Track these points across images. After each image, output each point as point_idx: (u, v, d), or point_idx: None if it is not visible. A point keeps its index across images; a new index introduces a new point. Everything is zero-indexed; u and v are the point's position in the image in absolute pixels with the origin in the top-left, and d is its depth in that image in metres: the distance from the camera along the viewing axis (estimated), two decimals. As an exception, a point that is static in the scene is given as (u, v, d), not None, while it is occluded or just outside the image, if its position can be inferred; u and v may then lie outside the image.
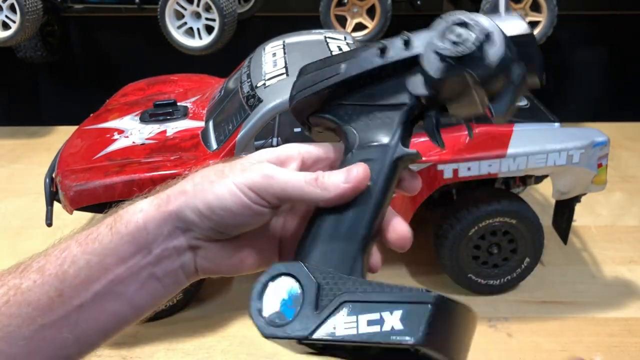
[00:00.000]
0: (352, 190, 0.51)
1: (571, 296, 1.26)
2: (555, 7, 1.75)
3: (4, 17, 1.80)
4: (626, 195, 1.64)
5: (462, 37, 0.51)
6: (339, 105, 0.56)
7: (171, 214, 0.51)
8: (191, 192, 0.51)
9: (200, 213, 0.50)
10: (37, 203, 1.57)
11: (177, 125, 1.28)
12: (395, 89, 0.55)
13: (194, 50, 1.81)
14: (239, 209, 0.50)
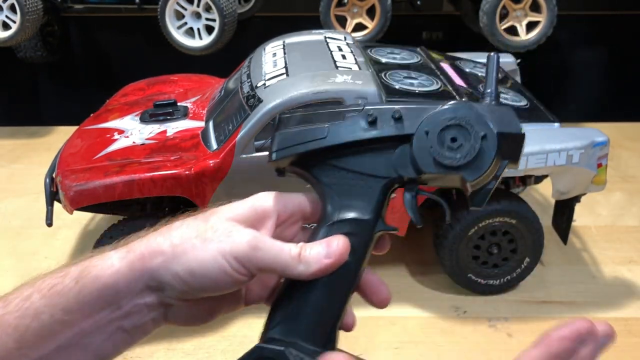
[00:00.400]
0: (332, 265, 0.51)
1: (571, 296, 1.26)
2: (555, 7, 1.75)
3: (4, 17, 1.80)
4: (626, 195, 1.64)
5: (458, 145, 0.52)
6: (320, 164, 0.55)
7: (144, 273, 0.49)
8: (170, 253, 0.49)
9: (180, 277, 0.49)
10: (37, 203, 1.57)
11: (177, 125, 1.28)
12: (380, 161, 0.54)
13: (194, 50, 1.81)
14: (221, 277, 0.49)
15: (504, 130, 0.52)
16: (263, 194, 0.55)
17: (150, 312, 0.51)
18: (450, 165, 0.52)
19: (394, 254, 1.38)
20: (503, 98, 1.27)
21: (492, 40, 1.80)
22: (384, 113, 0.54)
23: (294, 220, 0.56)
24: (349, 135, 0.54)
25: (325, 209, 0.55)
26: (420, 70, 1.32)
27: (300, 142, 0.55)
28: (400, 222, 1.21)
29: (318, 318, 0.53)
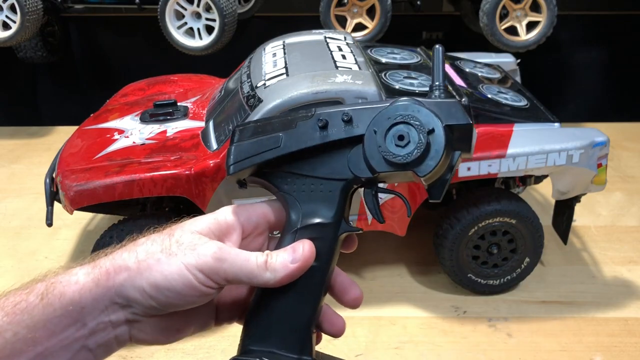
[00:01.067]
0: (299, 270, 0.52)
1: (571, 296, 1.26)
2: (555, 7, 1.75)
3: (5, 17, 1.80)
4: (626, 195, 1.64)
5: (405, 142, 0.52)
6: (279, 172, 0.56)
7: (110, 289, 0.49)
8: (135, 269, 0.49)
9: (145, 292, 0.49)
10: (37, 203, 1.58)
11: (177, 125, 1.28)
12: (336, 164, 0.55)
13: (194, 50, 1.81)
14: (188, 290, 0.49)
15: (451, 122, 0.52)
16: (226, 208, 0.55)
17: (115, 329, 0.51)
18: (400, 163, 0.52)
19: (394, 254, 1.38)
20: (503, 98, 1.27)
21: (492, 40, 1.80)
22: (334, 117, 0.54)
23: (260, 231, 0.56)
24: (302, 142, 0.54)
25: (288, 216, 0.55)
26: (420, 70, 1.32)
27: (256, 153, 0.55)
28: (400, 222, 1.21)
29: (291, 325, 0.54)
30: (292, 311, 0.54)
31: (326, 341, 0.60)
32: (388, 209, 1.19)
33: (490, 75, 1.44)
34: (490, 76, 1.43)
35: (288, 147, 0.54)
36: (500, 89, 1.34)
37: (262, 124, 0.56)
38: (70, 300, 0.48)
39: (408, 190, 1.16)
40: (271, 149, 0.55)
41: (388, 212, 1.19)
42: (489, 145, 1.15)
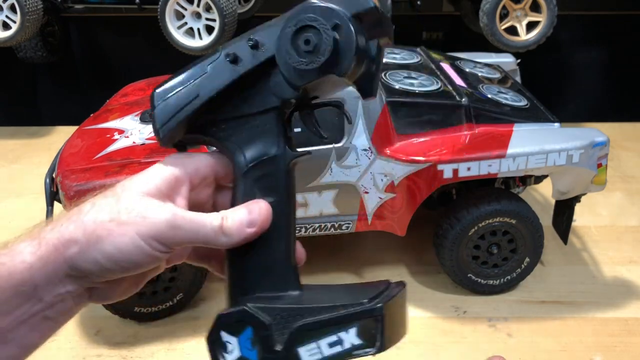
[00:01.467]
0: (256, 234, 0.51)
1: (571, 296, 1.26)
2: (555, 7, 1.75)
3: (5, 17, 1.80)
4: (626, 195, 1.64)
5: (312, 45, 0.49)
6: (211, 122, 0.54)
7: (62, 264, 0.47)
8: (84, 242, 0.47)
9: (99, 264, 0.48)
10: (37, 203, 1.57)
11: (177, 125, 1.28)
12: (261, 94, 0.53)
13: (194, 50, 1.81)
14: (143, 258, 0.48)
15: (356, 11, 0.49)
16: (171, 159, 0.53)
17: (74, 297, 0.50)
18: (314, 69, 0.49)
19: (394, 254, 1.38)
20: (503, 98, 1.27)
21: (492, 40, 1.80)
22: (240, 47, 0.52)
23: (208, 183, 0.55)
24: (219, 83, 0.53)
25: (235, 163, 0.54)
26: (420, 70, 1.32)
27: (178, 110, 0.53)
28: (400, 222, 1.21)
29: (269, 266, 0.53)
30: (268, 253, 0.53)
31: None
32: (388, 209, 1.19)
33: (490, 75, 1.44)
34: (490, 76, 1.43)
35: (206, 93, 0.53)
36: (500, 89, 1.34)
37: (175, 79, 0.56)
38: (21, 281, 0.47)
39: (407, 190, 1.16)
40: (191, 101, 0.53)
41: (388, 212, 1.19)
42: (488, 145, 1.15)
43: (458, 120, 1.17)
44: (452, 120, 1.17)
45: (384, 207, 1.18)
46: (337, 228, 1.19)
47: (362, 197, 1.17)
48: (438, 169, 1.13)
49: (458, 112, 1.17)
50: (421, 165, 1.13)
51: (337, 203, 1.16)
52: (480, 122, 1.18)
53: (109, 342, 1.14)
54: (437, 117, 1.17)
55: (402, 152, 1.13)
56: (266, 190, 0.53)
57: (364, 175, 1.15)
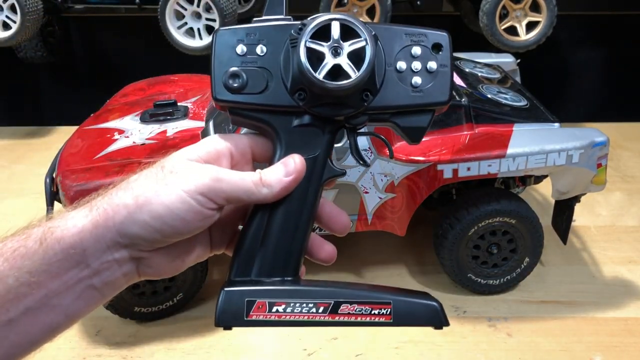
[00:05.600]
0: (294, 181, 0.53)
1: (571, 296, 1.26)
2: (555, 7, 1.75)
3: (5, 17, 1.80)
4: (626, 195, 1.64)
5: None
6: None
7: (111, 229, 0.49)
8: (133, 205, 0.49)
9: (149, 226, 0.49)
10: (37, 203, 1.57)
11: (177, 125, 1.28)
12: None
13: (194, 50, 1.81)
14: (191, 215, 0.50)
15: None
16: (214, 136, 0.55)
17: (121, 267, 0.51)
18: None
19: (394, 254, 1.38)
20: (503, 98, 1.28)
21: (492, 40, 1.80)
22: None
23: (246, 160, 0.57)
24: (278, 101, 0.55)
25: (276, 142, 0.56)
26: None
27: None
28: (400, 222, 1.21)
29: (275, 250, 0.55)
30: (277, 238, 0.55)
31: (325, 341, 0.60)
32: (388, 209, 1.19)
33: (490, 75, 1.44)
34: (490, 76, 1.43)
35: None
36: (500, 89, 1.34)
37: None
38: (71, 244, 0.48)
39: (407, 190, 1.16)
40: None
41: (388, 212, 1.19)
42: (489, 145, 1.15)
43: (458, 120, 1.17)
44: (452, 120, 1.17)
45: (384, 207, 1.18)
46: (337, 228, 1.19)
47: (362, 197, 1.17)
48: (438, 169, 1.14)
49: (458, 112, 1.17)
50: (421, 165, 1.13)
51: (337, 203, 1.15)
52: (480, 122, 1.18)
53: (109, 342, 1.14)
54: (437, 117, 1.16)
55: (402, 152, 1.13)
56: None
57: (363, 175, 1.15)
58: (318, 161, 0.55)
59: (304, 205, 0.55)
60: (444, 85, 0.55)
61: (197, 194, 0.49)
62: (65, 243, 0.48)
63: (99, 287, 0.50)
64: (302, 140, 0.55)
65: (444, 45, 0.54)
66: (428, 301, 0.53)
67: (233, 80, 0.53)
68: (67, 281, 0.48)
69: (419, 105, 0.55)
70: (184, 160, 0.52)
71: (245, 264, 0.55)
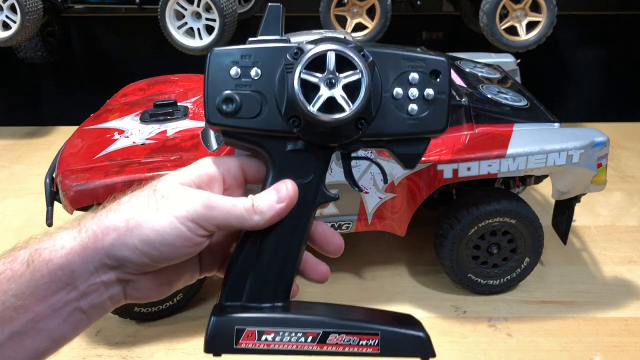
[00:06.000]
0: (286, 208, 0.53)
1: (571, 296, 1.26)
2: (555, 7, 1.75)
3: (5, 17, 1.80)
4: (626, 195, 1.64)
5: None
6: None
7: (99, 251, 0.48)
8: (123, 227, 0.49)
9: (138, 250, 0.48)
10: (37, 203, 1.57)
11: (177, 125, 1.28)
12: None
13: (194, 50, 1.81)
14: (181, 241, 0.49)
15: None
16: (206, 160, 0.55)
17: (108, 289, 0.50)
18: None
19: (394, 254, 1.38)
20: (503, 98, 1.27)
21: (492, 40, 1.80)
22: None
23: (239, 183, 0.56)
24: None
25: (269, 166, 0.55)
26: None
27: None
28: (400, 222, 1.21)
29: (266, 276, 0.55)
30: (268, 263, 0.54)
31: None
32: (388, 209, 1.19)
33: (490, 75, 1.44)
34: (490, 76, 1.43)
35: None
36: (500, 89, 1.34)
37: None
38: (59, 265, 0.48)
39: (407, 190, 1.16)
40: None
41: (388, 212, 1.19)
42: (489, 145, 1.15)
43: (458, 120, 1.17)
44: (452, 120, 1.17)
45: (384, 207, 1.18)
46: (337, 228, 1.19)
47: (362, 197, 1.17)
48: (438, 169, 1.14)
49: (458, 112, 1.17)
50: (421, 165, 1.13)
51: (337, 203, 1.16)
52: (480, 122, 1.18)
53: (109, 342, 1.14)
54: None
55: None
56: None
57: (363, 175, 1.15)
58: (311, 186, 0.55)
59: (296, 231, 0.55)
60: (441, 113, 0.54)
61: (188, 221, 0.49)
62: (53, 265, 0.47)
63: (86, 309, 0.50)
64: (295, 165, 0.54)
65: (442, 72, 0.53)
66: (416, 332, 0.53)
67: (226, 104, 0.53)
68: (54, 304, 0.48)
69: (414, 133, 0.55)
70: (176, 185, 0.51)
71: (236, 289, 0.54)
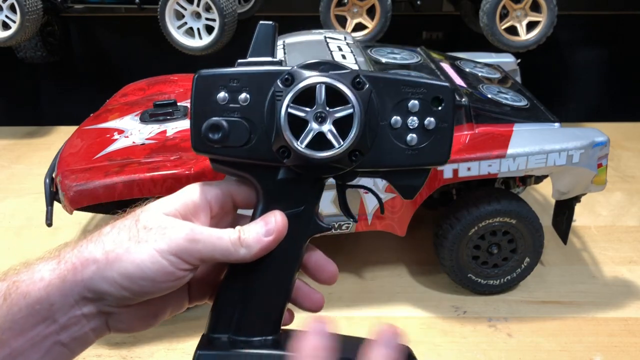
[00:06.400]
0: (274, 242, 0.50)
1: (571, 296, 1.26)
2: (555, 7, 1.75)
3: (4, 17, 1.80)
4: (626, 195, 1.64)
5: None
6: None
7: (78, 284, 0.47)
8: (103, 260, 0.47)
9: (117, 284, 0.47)
10: (37, 203, 1.57)
11: (177, 125, 1.28)
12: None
13: (194, 50, 1.81)
14: (162, 276, 0.47)
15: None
16: (192, 187, 0.53)
17: (90, 322, 0.49)
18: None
19: (394, 254, 1.38)
20: (503, 98, 1.27)
21: (492, 40, 1.80)
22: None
23: (227, 210, 0.54)
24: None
25: (259, 195, 0.53)
26: (420, 70, 1.32)
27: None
28: (400, 222, 1.21)
29: (255, 308, 0.52)
30: (256, 296, 0.52)
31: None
32: (388, 209, 1.18)
33: (490, 75, 1.44)
34: (490, 76, 1.43)
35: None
36: (500, 89, 1.34)
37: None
38: (37, 299, 0.46)
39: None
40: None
41: (388, 212, 1.19)
42: (489, 145, 1.15)
43: (458, 120, 1.17)
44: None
45: (384, 207, 1.18)
46: (337, 228, 1.19)
47: (362, 197, 1.17)
48: (438, 169, 1.13)
49: (458, 112, 1.17)
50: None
51: (337, 203, 1.16)
52: (480, 122, 1.18)
53: (109, 342, 1.14)
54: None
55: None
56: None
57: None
58: (303, 216, 0.52)
59: (286, 263, 0.52)
60: (442, 144, 0.50)
61: (169, 254, 0.47)
62: (31, 298, 0.46)
63: (67, 342, 0.48)
64: (286, 195, 0.52)
65: (445, 99, 0.50)
66: None
67: (213, 132, 0.50)
68: (32, 338, 0.46)
69: (412, 165, 0.51)
70: (159, 215, 0.49)
71: (223, 321, 0.52)
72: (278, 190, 0.52)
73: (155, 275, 0.47)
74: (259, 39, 0.52)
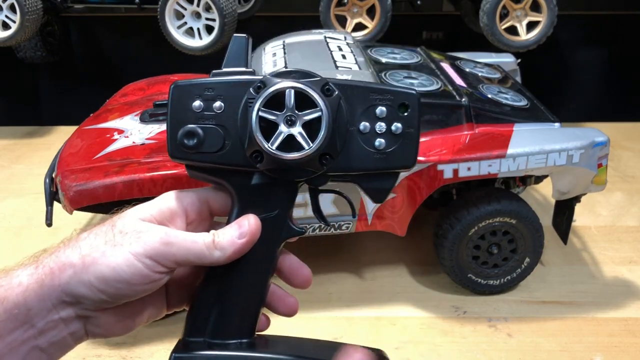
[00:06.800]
0: (247, 244, 0.51)
1: (571, 296, 1.26)
2: (555, 7, 1.75)
3: (4, 17, 1.80)
4: (626, 195, 1.64)
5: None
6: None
7: (56, 288, 0.47)
8: (79, 264, 0.48)
9: (94, 287, 0.48)
10: (37, 203, 1.57)
11: (177, 125, 1.28)
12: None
13: (194, 50, 1.81)
14: (138, 279, 0.48)
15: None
16: (169, 194, 0.54)
17: (68, 326, 0.49)
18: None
19: (394, 254, 1.38)
20: (503, 98, 1.27)
21: (492, 40, 1.80)
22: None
23: (203, 217, 0.55)
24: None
25: (234, 200, 0.54)
26: (420, 70, 1.32)
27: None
28: (400, 222, 1.21)
29: (230, 311, 0.53)
30: (232, 299, 0.53)
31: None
32: (388, 209, 1.18)
33: (490, 75, 1.44)
34: (490, 76, 1.43)
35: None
36: (501, 89, 1.34)
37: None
38: (15, 303, 0.47)
39: (407, 190, 1.16)
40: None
41: (388, 212, 1.19)
42: (489, 145, 1.15)
43: (458, 120, 1.17)
44: (452, 120, 1.17)
45: (384, 207, 1.18)
46: (337, 228, 1.19)
47: (362, 197, 1.17)
48: (438, 169, 1.13)
49: (458, 112, 1.17)
50: (421, 166, 1.13)
51: (337, 203, 1.16)
52: (481, 122, 1.18)
53: (109, 342, 1.14)
54: (437, 117, 1.17)
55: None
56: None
57: (364, 175, 1.15)
58: (276, 220, 0.54)
59: (260, 266, 0.54)
60: (409, 148, 0.52)
61: (144, 257, 0.48)
62: (9, 303, 0.47)
63: (45, 347, 0.49)
64: (259, 199, 0.53)
65: (411, 105, 0.52)
66: None
67: (188, 139, 0.51)
68: (10, 343, 0.47)
69: (381, 168, 0.53)
70: (135, 220, 0.50)
71: (200, 324, 0.54)
72: (252, 195, 0.53)
73: (130, 278, 0.48)
74: (233, 51, 0.57)
